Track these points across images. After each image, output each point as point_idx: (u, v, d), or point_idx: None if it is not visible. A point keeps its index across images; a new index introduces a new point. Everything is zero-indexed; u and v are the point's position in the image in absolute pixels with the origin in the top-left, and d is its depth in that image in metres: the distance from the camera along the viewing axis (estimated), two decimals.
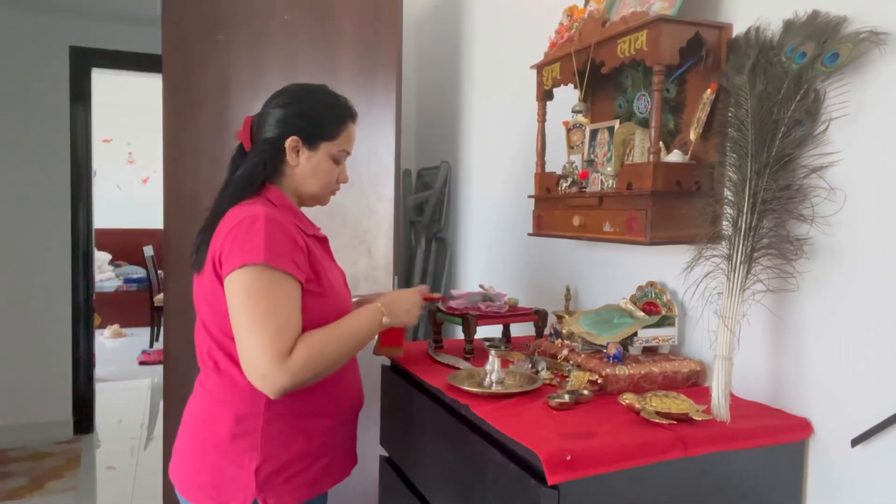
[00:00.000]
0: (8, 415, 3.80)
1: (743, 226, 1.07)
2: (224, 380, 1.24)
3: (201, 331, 1.29)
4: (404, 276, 2.83)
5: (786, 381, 1.14)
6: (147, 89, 4.73)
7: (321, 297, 1.24)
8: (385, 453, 1.59)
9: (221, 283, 1.19)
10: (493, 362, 1.24)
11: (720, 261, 1.11)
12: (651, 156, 1.20)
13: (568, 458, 0.90)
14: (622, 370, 1.20)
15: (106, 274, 6.80)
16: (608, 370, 1.20)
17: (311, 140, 1.32)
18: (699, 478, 1.01)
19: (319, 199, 1.41)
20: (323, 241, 1.41)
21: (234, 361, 1.21)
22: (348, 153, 1.39)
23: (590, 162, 1.42)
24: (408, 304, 1.35)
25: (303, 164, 1.32)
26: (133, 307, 6.58)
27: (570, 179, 1.44)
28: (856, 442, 1.01)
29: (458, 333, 1.62)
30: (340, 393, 1.32)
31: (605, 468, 0.92)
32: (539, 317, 1.59)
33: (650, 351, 1.32)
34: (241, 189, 1.28)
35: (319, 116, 1.33)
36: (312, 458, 1.27)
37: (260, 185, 1.30)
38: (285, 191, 1.34)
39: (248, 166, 1.30)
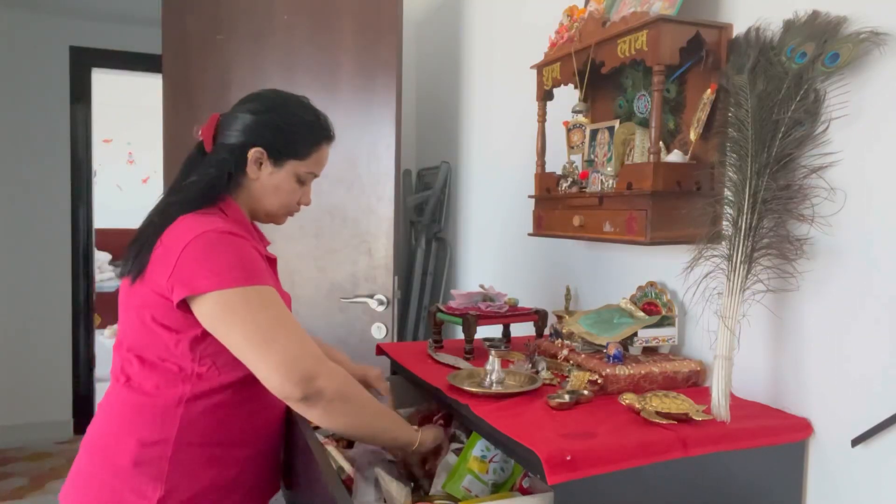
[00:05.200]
0: (8, 415, 3.80)
1: (743, 226, 1.07)
2: (133, 398, 1.12)
3: (120, 343, 1.17)
4: (404, 277, 2.83)
5: (786, 381, 1.14)
6: (147, 89, 4.73)
7: None
8: None
9: (162, 299, 1.08)
10: (493, 362, 1.24)
11: (720, 261, 1.11)
12: (651, 156, 1.20)
13: (568, 458, 0.90)
14: (622, 370, 1.20)
15: (106, 274, 6.79)
16: (608, 370, 1.20)
17: (278, 155, 1.21)
18: (699, 478, 1.01)
19: (274, 219, 1.30)
20: (273, 263, 1.29)
21: (150, 376, 1.11)
22: (316, 175, 1.29)
23: (590, 162, 1.42)
24: (436, 442, 1.24)
25: (263, 179, 1.22)
26: None
27: (570, 179, 1.44)
28: (856, 442, 1.01)
29: (458, 333, 1.62)
30: (263, 418, 1.21)
31: (605, 468, 0.92)
32: (539, 317, 1.59)
33: (650, 351, 1.32)
34: (196, 198, 1.16)
35: (292, 131, 1.22)
36: (225, 490, 1.14)
37: (219, 194, 1.19)
38: (240, 203, 1.23)
39: (208, 176, 1.18)
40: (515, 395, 1.18)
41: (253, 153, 1.20)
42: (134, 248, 1.14)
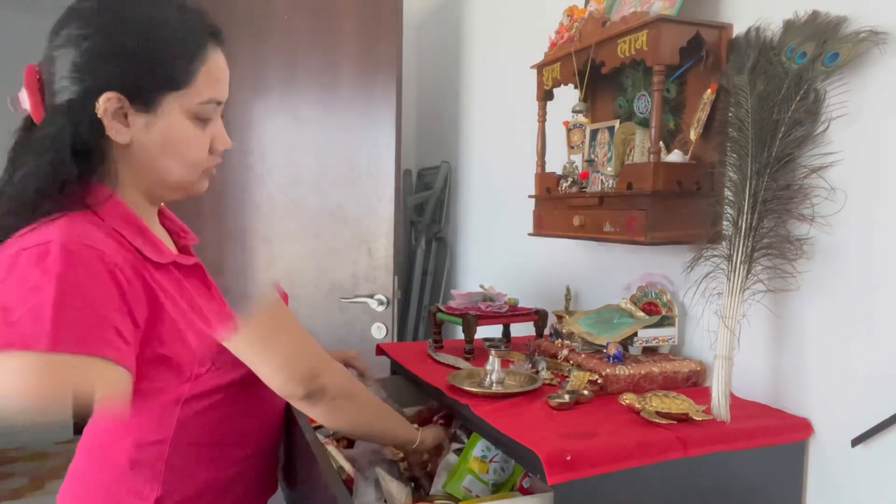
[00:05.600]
0: None
1: (743, 226, 1.07)
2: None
3: None
4: (404, 277, 2.83)
5: (786, 381, 1.14)
6: None
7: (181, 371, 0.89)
8: None
9: None
10: (493, 362, 1.24)
11: (720, 261, 1.11)
12: (651, 156, 1.20)
13: (568, 458, 0.90)
14: (622, 370, 1.20)
15: None
16: (608, 370, 1.20)
17: (146, 94, 0.81)
18: (699, 478, 1.01)
19: (186, 188, 0.91)
20: (198, 270, 0.97)
21: (142, 377, 0.93)
22: (219, 102, 0.88)
23: (590, 162, 1.42)
24: (439, 442, 1.21)
25: (140, 138, 0.82)
26: None
27: (570, 179, 1.44)
28: (856, 442, 1.01)
29: (459, 333, 1.62)
30: (260, 417, 1.12)
31: (605, 468, 0.92)
32: (539, 317, 1.59)
33: (650, 351, 1.32)
34: (28, 203, 0.76)
35: (153, 48, 0.79)
36: (222, 490, 1.07)
37: (75, 186, 0.79)
38: (123, 188, 0.86)
39: (42, 161, 0.77)
40: (515, 395, 1.18)
41: (104, 103, 0.79)
42: None
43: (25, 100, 0.85)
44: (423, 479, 1.24)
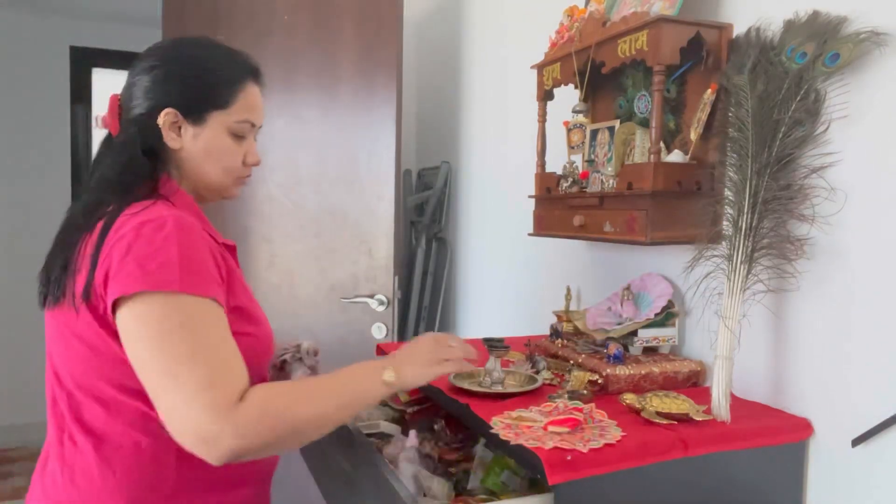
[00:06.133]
0: (8, 415, 3.80)
1: (743, 226, 1.07)
2: (107, 451, 0.91)
3: (57, 385, 0.95)
4: (404, 277, 2.83)
5: (786, 381, 1.14)
6: None
7: (247, 336, 0.96)
8: None
9: (103, 314, 0.88)
10: (493, 362, 1.24)
11: (720, 261, 1.11)
12: (651, 156, 1.20)
13: (568, 458, 0.90)
14: (622, 370, 1.20)
15: None
16: (608, 370, 1.20)
17: (194, 110, 1.00)
18: (699, 478, 1.01)
19: (222, 191, 1.08)
20: (232, 251, 1.10)
21: (130, 421, 0.91)
22: (254, 125, 1.07)
23: (590, 162, 1.42)
24: (423, 358, 1.01)
25: (189, 146, 1.01)
26: None
27: (570, 179, 1.44)
28: (856, 442, 1.01)
29: (459, 333, 1.62)
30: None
31: (606, 468, 0.92)
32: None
33: (650, 351, 1.32)
34: (120, 192, 0.95)
35: (201, 77, 1.01)
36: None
37: (148, 178, 0.99)
38: (179, 186, 1.04)
39: (121, 159, 0.98)
40: (515, 395, 1.18)
41: (164, 117, 0.99)
42: (55, 270, 0.94)
43: (102, 119, 1.07)
44: (461, 475, 1.16)
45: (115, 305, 0.86)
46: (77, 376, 0.93)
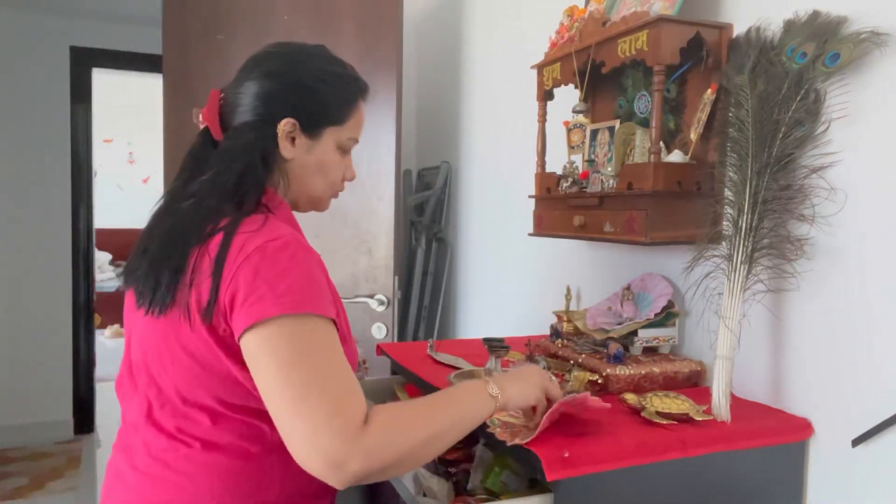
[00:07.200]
0: (8, 415, 3.80)
1: (743, 226, 1.07)
2: (214, 459, 0.91)
3: (153, 390, 0.95)
4: (404, 277, 2.83)
5: (786, 381, 1.14)
6: (147, 89, 4.73)
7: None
8: None
9: (222, 335, 0.88)
10: (493, 362, 1.24)
11: (720, 261, 1.11)
12: (651, 156, 1.20)
13: (566, 455, 0.90)
14: (623, 370, 1.20)
15: (106, 274, 6.79)
16: (609, 370, 1.20)
17: (313, 124, 1.00)
18: (699, 478, 1.01)
19: (318, 204, 1.10)
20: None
21: (239, 432, 0.92)
22: (356, 141, 1.08)
23: (590, 162, 1.42)
24: (529, 381, 0.97)
25: (301, 158, 1.01)
26: None
27: (570, 179, 1.44)
28: (856, 442, 1.01)
29: (459, 333, 1.62)
30: None
31: (605, 466, 0.92)
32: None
33: (650, 351, 1.32)
34: (236, 202, 0.92)
35: (322, 91, 1.00)
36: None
37: (262, 188, 0.97)
38: (285, 195, 1.04)
39: (236, 165, 0.94)
40: None
41: (283, 127, 0.98)
42: (163, 275, 0.89)
43: (199, 116, 1.03)
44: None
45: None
46: (181, 387, 0.92)
